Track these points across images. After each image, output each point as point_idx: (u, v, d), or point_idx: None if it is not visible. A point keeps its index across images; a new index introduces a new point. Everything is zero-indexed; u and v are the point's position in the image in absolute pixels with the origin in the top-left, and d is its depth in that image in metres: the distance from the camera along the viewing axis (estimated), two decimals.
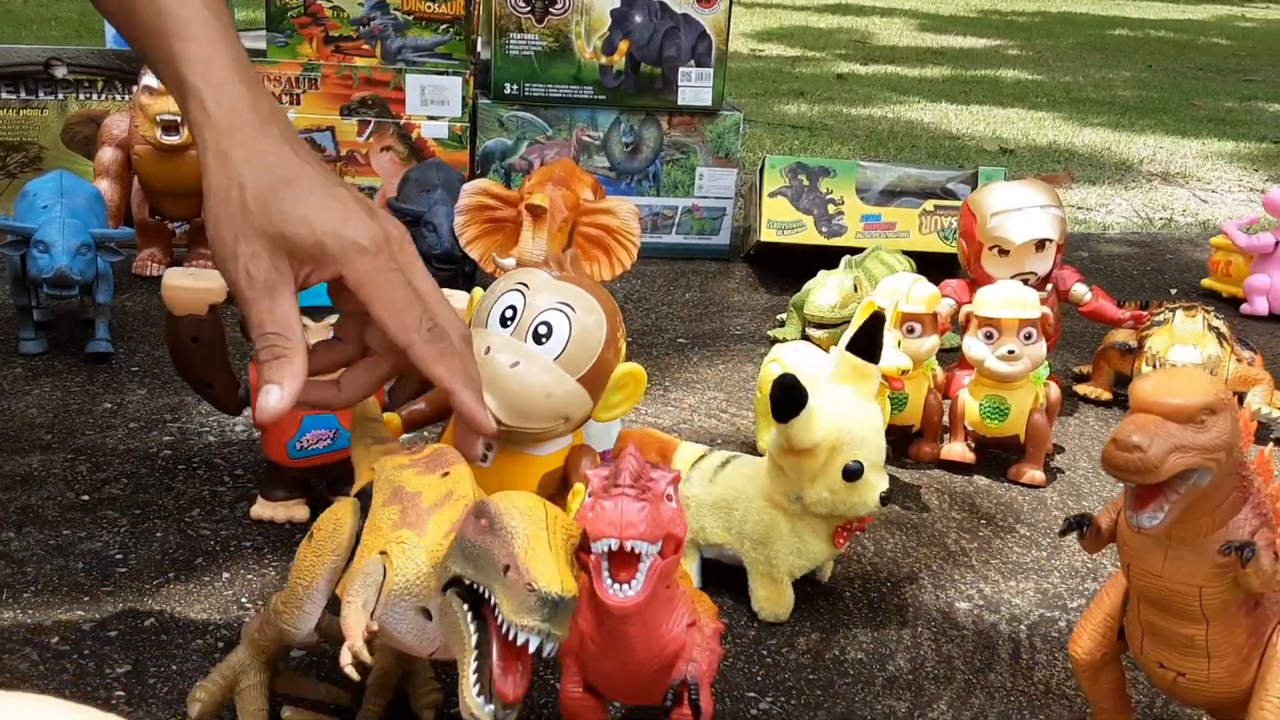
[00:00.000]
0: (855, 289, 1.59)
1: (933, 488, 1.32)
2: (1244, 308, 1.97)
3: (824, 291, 1.59)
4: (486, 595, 0.64)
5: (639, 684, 0.77)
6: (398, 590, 0.70)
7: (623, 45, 1.98)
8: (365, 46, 2.02)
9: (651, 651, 0.75)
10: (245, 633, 0.83)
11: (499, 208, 1.44)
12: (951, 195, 1.94)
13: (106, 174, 1.72)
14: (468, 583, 0.65)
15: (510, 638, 0.63)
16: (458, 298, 1.09)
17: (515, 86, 1.99)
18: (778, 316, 1.80)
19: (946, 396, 1.39)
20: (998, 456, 1.36)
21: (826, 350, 1.35)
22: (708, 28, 1.99)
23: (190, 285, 1.06)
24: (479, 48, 2.11)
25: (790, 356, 1.20)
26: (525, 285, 0.89)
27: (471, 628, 0.65)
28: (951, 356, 1.49)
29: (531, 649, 0.63)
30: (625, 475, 0.69)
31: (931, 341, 1.33)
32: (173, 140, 1.65)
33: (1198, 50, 6.05)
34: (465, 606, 0.65)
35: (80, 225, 1.44)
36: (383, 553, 0.71)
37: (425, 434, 1.17)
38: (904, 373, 1.22)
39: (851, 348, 1.04)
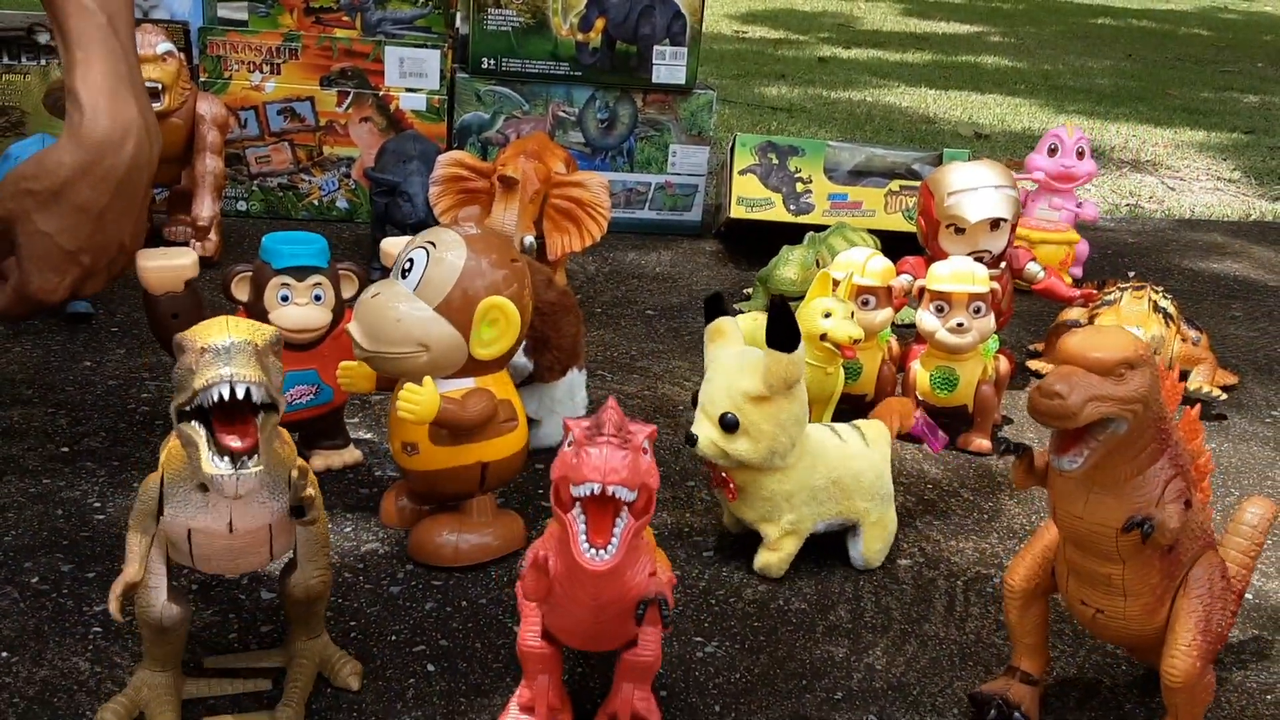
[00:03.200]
0: (817, 264, 1.64)
1: None
2: (1075, 271, 2.00)
3: (787, 265, 1.65)
4: (191, 399, 0.69)
5: (599, 631, 0.81)
6: (170, 480, 0.77)
7: (599, 23, 2.02)
8: (345, 18, 2.05)
9: (616, 599, 0.78)
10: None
11: (473, 179, 1.48)
12: (916, 176, 1.99)
13: None
14: (188, 408, 0.70)
15: (216, 400, 0.68)
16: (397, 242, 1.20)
17: (492, 61, 2.02)
18: (745, 290, 1.85)
19: (901, 368, 1.44)
20: (947, 426, 1.42)
21: None
22: (682, 7, 2.02)
23: (164, 264, 1.11)
24: (458, 22, 2.14)
25: (744, 323, 1.25)
26: (431, 243, 0.99)
27: (199, 427, 0.70)
28: (914, 332, 1.55)
29: (239, 395, 0.68)
30: (609, 425, 0.72)
31: (885, 314, 1.38)
32: (154, 106, 1.68)
33: (1178, 41, 6.11)
34: (193, 422, 0.70)
35: None
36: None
37: (371, 400, 1.21)
38: (856, 342, 1.27)
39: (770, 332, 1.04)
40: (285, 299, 1.11)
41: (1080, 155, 2.00)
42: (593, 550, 0.72)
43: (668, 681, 0.93)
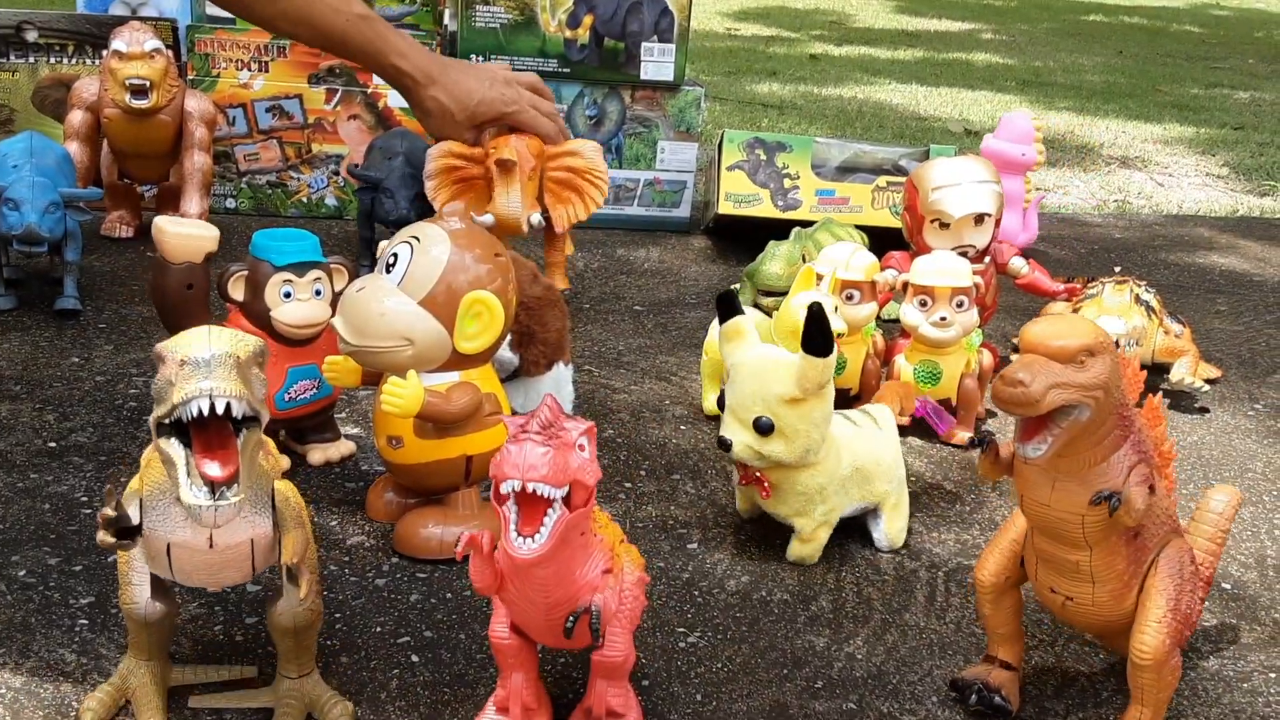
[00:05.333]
0: (804, 259, 1.65)
1: None
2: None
3: (773, 261, 1.66)
4: (170, 412, 0.67)
5: (553, 626, 0.80)
6: (149, 491, 0.75)
7: (587, 20, 2.02)
8: None
9: (563, 596, 0.78)
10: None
11: (466, 167, 1.49)
12: (903, 172, 2.00)
13: (76, 136, 1.75)
14: (167, 421, 0.68)
15: (196, 414, 0.66)
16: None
17: (481, 58, 2.03)
18: (732, 286, 1.86)
19: (886, 362, 1.45)
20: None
21: (770, 315, 1.41)
22: (670, 4, 2.03)
23: (187, 232, 1.10)
24: (446, 19, 2.15)
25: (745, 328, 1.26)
26: (416, 237, 1.01)
27: (176, 444, 0.68)
28: (900, 327, 1.56)
29: (219, 410, 0.66)
30: (535, 423, 0.73)
31: (869, 308, 1.39)
32: (141, 104, 1.69)
33: (1169, 37, 6.12)
34: (173, 440, 0.68)
35: (49, 184, 1.48)
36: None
37: (357, 395, 1.21)
38: (840, 336, 1.28)
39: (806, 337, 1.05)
40: (288, 295, 1.12)
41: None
42: (521, 539, 0.72)
43: (649, 671, 0.94)
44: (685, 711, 0.90)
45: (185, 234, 1.10)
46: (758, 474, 1.08)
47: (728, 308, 1.09)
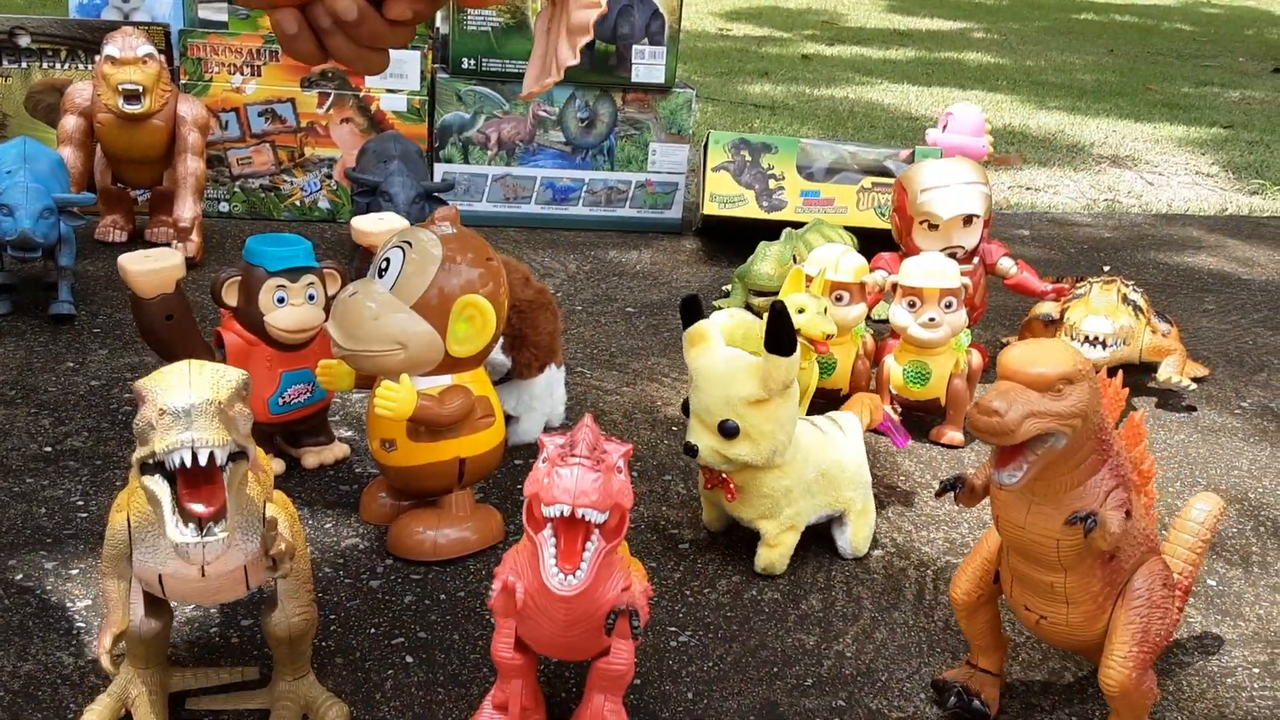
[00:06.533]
0: (794, 259, 1.66)
1: None
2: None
3: (764, 261, 1.67)
4: (152, 457, 0.66)
5: (569, 643, 0.81)
6: (137, 524, 0.74)
7: None
8: None
9: (584, 613, 0.78)
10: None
11: None
12: (889, 173, 2.01)
13: (70, 141, 1.76)
14: (150, 462, 0.67)
15: (179, 465, 0.65)
16: (389, 219, 1.25)
17: (473, 61, 2.04)
18: (723, 287, 1.87)
19: (875, 363, 1.46)
20: (921, 419, 1.44)
21: (762, 316, 1.42)
22: (661, 7, 2.04)
23: (155, 267, 1.10)
24: (438, 22, 2.15)
25: (720, 319, 1.27)
26: (408, 242, 1.01)
27: (161, 482, 0.67)
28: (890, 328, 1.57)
29: (202, 462, 0.65)
30: (582, 445, 0.72)
31: (859, 309, 1.40)
32: (135, 109, 1.69)
33: (1160, 36, 6.15)
34: (156, 476, 0.67)
35: (43, 190, 1.48)
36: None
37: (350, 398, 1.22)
38: (829, 337, 1.29)
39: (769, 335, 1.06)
40: (281, 300, 1.12)
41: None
42: (560, 576, 0.72)
43: (642, 670, 0.95)
44: (677, 710, 0.91)
45: (151, 269, 1.09)
46: (723, 476, 1.08)
47: (691, 313, 1.08)
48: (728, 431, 1.03)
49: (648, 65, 2.06)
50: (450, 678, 0.93)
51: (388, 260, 1.02)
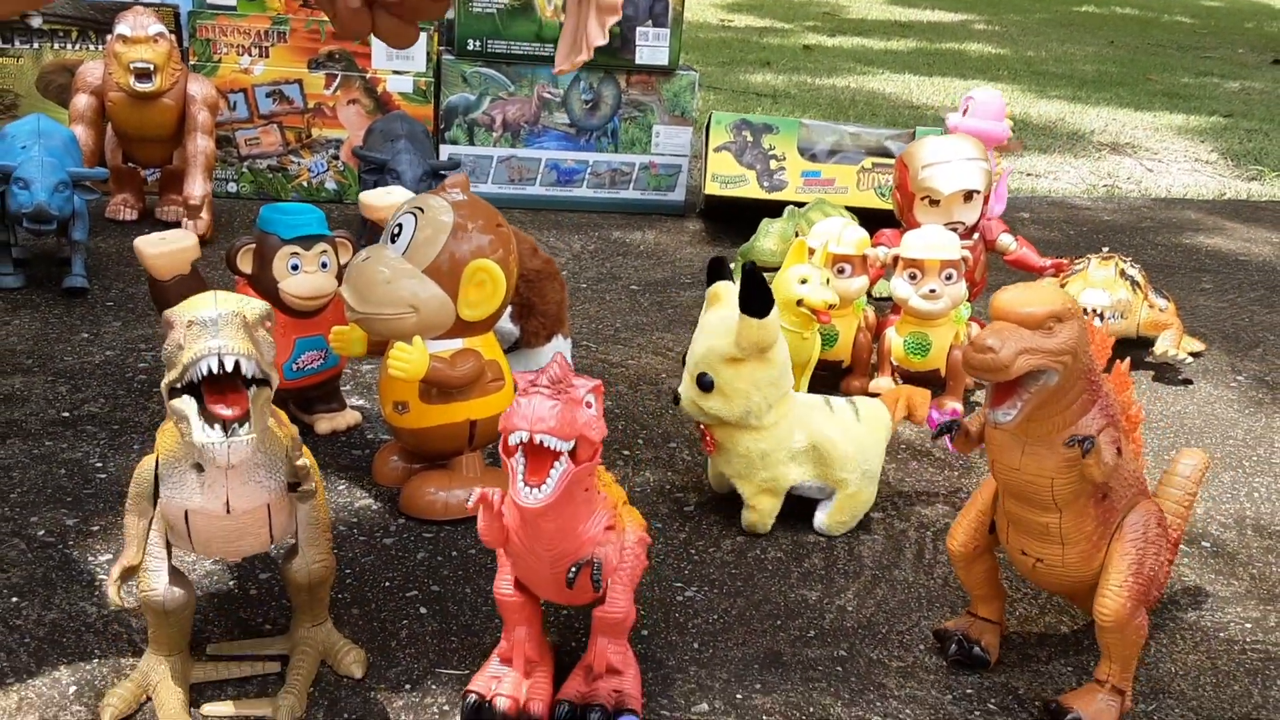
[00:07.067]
0: (796, 235, 1.69)
1: None
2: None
3: (767, 237, 1.70)
4: (181, 375, 0.69)
5: (557, 580, 0.83)
6: (165, 462, 0.77)
7: None
8: None
9: (568, 549, 0.80)
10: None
11: None
12: (889, 154, 2.04)
13: (81, 120, 1.78)
14: (179, 385, 0.70)
15: (205, 373, 0.68)
16: (396, 193, 1.27)
17: (478, 43, 2.06)
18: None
19: (875, 336, 1.49)
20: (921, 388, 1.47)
21: None
22: None
23: (170, 249, 1.12)
24: None
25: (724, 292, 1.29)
26: (420, 208, 1.04)
27: (189, 400, 0.69)
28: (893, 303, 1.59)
29: (229, 368, 0.67)
30: (544, 378, 0.75)
31: (860, 282, 1.43)
32: (145, 87, 1.72)
33: (1160, 27, 6.16)
34: (183, 396, 0.70)
35: (57, 164, 1.51)
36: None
37: (361, 368, 1.25)
38: (830, 307, 1.31)
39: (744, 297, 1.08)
40: (295, 268, 1.15)
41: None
42: (527, 489, 0.75)
43: (649, 622, 0.98)
44: (684, 658, 0.94)
45: (166, 250, 1.11)
46: (703, 429, 1.11)
47: (715, 273, 1.11)
48: (703, 385, 1.08)
49: (651, 47, 2.08)
50: (463, 627, 0.95)
51: (400, 226, 1.04)
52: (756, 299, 1.03)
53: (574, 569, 0.81)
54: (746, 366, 1.06)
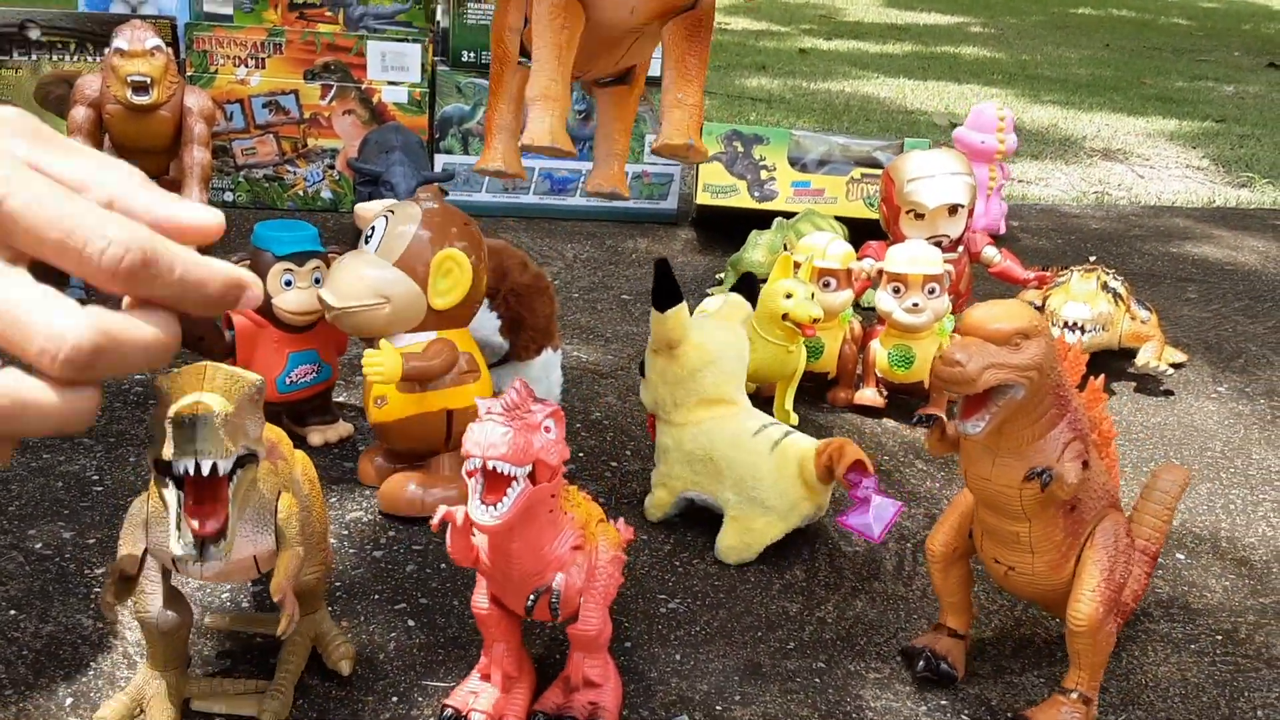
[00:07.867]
0: (785, 248, 1.71)
1: (845, 429, 1.45)
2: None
3: (755, 249, 1.72)
4: (160, 455, 0.68)
5: (526, 598, 0.84)
6: (154, 510, 0.77)
7: None
8: (328, 13, 2.10)
9: (532, 569, 0.82)
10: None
11: None
12: (878, 165, 2.06)
13: (79, 132, 1.80)
14: (161, 463, 0.68)
15: (180, 473, 0.67)
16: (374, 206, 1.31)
17: (473, 53, 2.08)
18: (716, 275, 1.92)
19: (861, 348, 1.51)
20: (905, 402, 1.49)
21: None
22: None
23: None
24: (438, 16, 2.20)
25: (710, 303, 1.32)
26: (391, 211, 1.11)
27: (171, 491, 0.69)
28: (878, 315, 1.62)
29: (205, 473, 0.67)
30: (499, 405, 0.77)
31: (845, 295, 1.45)
32: (143, 100, 1.74)
33: (1157, 30, 6.18)
34: (168, 481, 0.69)
35: None
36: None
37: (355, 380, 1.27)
38: (815, 321, 1.34)
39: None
40: (289, 283, 1.18)
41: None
42: (482, 507, 0.76)
43: (632, 634, 1.00)
44: (665, 669, 0.96)
45: None
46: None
47: (662, 275, 1.08)
48: (639, 369, 1.17)
49: None
50: (450, 640, 0.97)
51: (373, 228, 1.11)
52: (659, 292, 1.08)
53: (533, 596, 0.83)
54: (660, 360, 1.13)
